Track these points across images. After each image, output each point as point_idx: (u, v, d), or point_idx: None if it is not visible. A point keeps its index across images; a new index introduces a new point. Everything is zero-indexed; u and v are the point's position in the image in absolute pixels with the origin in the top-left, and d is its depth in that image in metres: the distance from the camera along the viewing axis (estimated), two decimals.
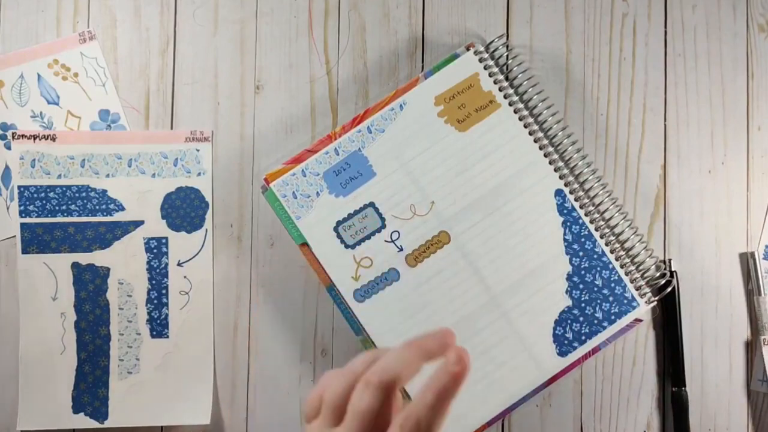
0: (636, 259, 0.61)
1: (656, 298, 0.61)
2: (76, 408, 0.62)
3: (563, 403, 0.63)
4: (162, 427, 0.63)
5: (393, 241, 0.60)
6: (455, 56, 0.61)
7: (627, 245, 0.60)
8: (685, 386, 0.62)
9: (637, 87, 0.64)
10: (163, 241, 0.63)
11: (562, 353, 0.60)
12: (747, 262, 0.64)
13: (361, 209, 0.60)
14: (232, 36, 0.64)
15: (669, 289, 0.61)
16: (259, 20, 0.64)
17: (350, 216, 0.60)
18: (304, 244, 0.60)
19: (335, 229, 0.60)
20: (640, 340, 0.63)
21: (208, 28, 0.64)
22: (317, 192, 0.60)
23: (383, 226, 0.60)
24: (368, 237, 0.60)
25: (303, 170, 0.60)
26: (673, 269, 0.63)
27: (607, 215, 0.61)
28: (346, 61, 0.64)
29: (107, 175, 0.63)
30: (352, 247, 0.60)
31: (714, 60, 0.65)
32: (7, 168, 0.63)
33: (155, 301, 0.63)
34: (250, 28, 0.64)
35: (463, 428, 0.59)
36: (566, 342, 0.60)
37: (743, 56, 0.65)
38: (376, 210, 0.60)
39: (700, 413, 0.63)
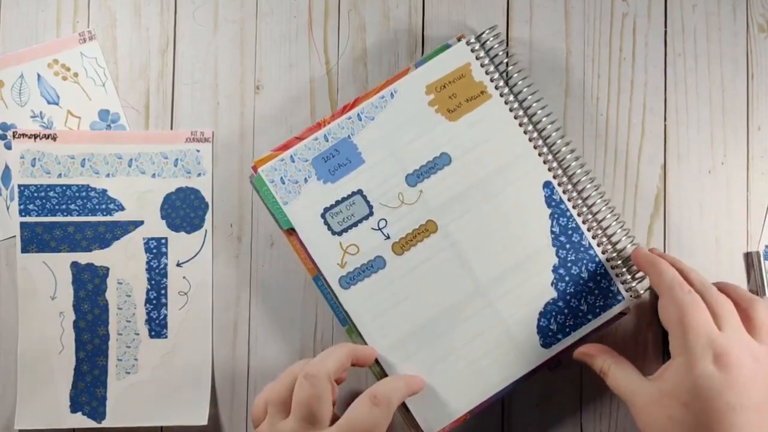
0: (622, 253, 0.60)
1: (642, 291, 0.61)
2: (74, 407, 0.62)
3: (563, 403, 0.63)
4: (162, 427, 0.63)
5: (380, 229, 0.60)
6: (447, 46, 0.61)
7: (614, 239, 0.60)
8: None
9: (636, 87, 0.64)
10: (163, 241, 0.63)
11: (545, 344, 0.60)
12: (750, 262, 0.64)
13: (349, 196, 0.60)
14: (232, 36, 0.64)
15: None
16: (259, 20, 0.64)
17: (338, 203, 0.60)
18: (291, 231, 0.60)
19: (322, 215, 0.60)
20: (640, 340, 0.63)
21: (208, 28, 0.64)
22: (305, 178, 0.60)
23: (371, 214, 0.60)
24: (355, 224, 0.60)
25: (291, 156, 0.60)
26: None
27: (594, 209, 0.60)
28: (346, 61, 0.64)
29: (107, 175, 0.63)
30: (339, 234, 0.60)
31: (714, 60, 0.65)
32: (7, 168, 0.63)
33: (154, 302, 0.63)
34: (250, 29, 0.64)
35: (447, 416, 0.59)
36: (550, 333, 0.60)
37: (743, 56, 0.65)
38: (364, 197, 0.60)
39: None
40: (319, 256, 0.60)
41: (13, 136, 0.63)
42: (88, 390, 0.62)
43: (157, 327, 0.63)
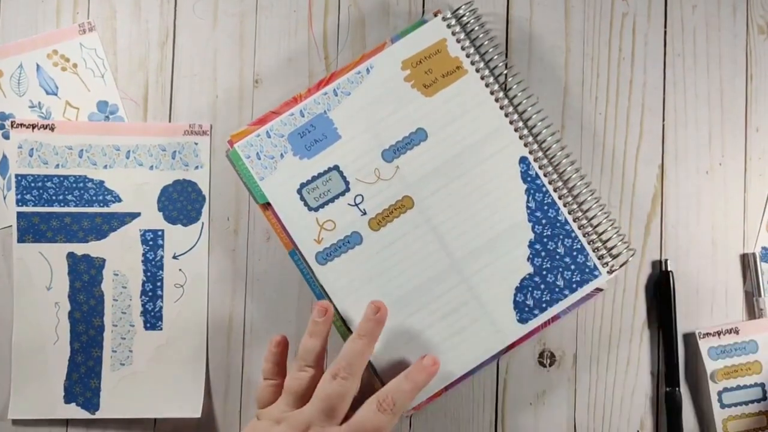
0: (598, 228, 0.60)
1: (618, 267, 0.61)
2: (68, 398, 0.62)
3: (557, 402, 0.63)
4: (155, 419, 0.63)
5: (356, 205, 0.60)
6: (423, 21, 0.61)
7: (589, 214, 0.60)
8: (678, 386, 0.62)
9: (635, 87, 0.64)
10: (159, 233, 0.63)
11: (522, 320, 0.60)
12: (746, 263, 0.64)
13: (326, 172, 0.60)
14: (232, 30, 0.64)
15: (630, 257, 0.61)
16: (258, 14, 0.64)
17: (314, 178, 0.60)
18: (267, 206, 0.60)
19: (299, 191, 0.60)
20: (635, 340, 0.63)
21: (207, 21, 0.64)
22: (281, 153, 0.60)
23: (347, 190, 0.60)
24: (332, 200, 0.60)
25: (267, 131, 0.60)
26: (669, 269, 0.63)
27: (570, 184, 0.61)
28: (346, 56, 0.64)
29: (105, 166, 0.63)
30: (316, 209, 0.60)
31: (713, 61, 0.65)
32: (4, 157, 0.63)
33: (150, 294, 0.63)
34: (249, 22, 0.64)
35: (424, 392, 0.59)
36: (527, 309, 0.60)
37: (742, 57, 0.65)
38: (341, 173, 0.60)
39: (693, 414, 0.63)
40: (296, 232, 0.60)
41: (12, 126, 0.63)
42: (83, 381, 0.62)
43: (153, 319, 0.63)
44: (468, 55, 0.61)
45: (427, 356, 0.57)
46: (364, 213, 0.60)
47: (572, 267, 0.60)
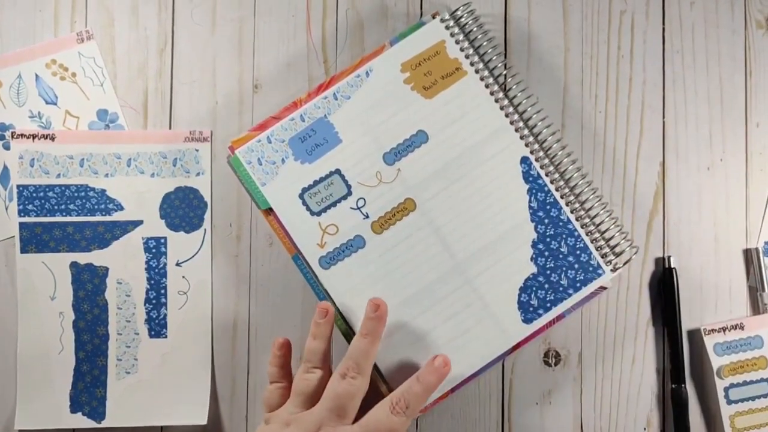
0: (600, 227, 0.60)
1: (622, 265, 0.60)
2: (74, 408, 0.62)
3: (563, 401, 0.63)
4: (162, 427, 0.63)
5: (359, 208, 0.60)
6: (421, 24, 0.61)
7: (591, 213, 0.60)
8: (684, 383, 0.62)
9: (635, 84, 0.64)
10: (162, 241, 0.63)
11: (526, 320, 0.60)
12: (750, 258, 0.64)
13: (327, 176, 0.60)
14: (231, 35, 0.64)
15: (633, 254, 0.61)
16: (257, 19, 0.64)
17: (316, 183, 0.60)
18: (270, 211, 0.60)
19: (301, 195, 0.60)
20: (640, 338, 0.63)
21: (206, 27, 0.64)
22: (282, 158, 0.60)
23: (349, 193, 0.60)
24: (334, 204, 0.60)
25: (268, 137, 0.60)
26: (672, 266, 0.63)
27: (571, 183, 0.60)
28: (345, 59, 0.64)
29: (106, 175, 0.63)
30: (318, 214, 0.60)
31: (712, 57, 0.65)
32: (5, 168, 0.63)
33: (153, 301, 0.63)
34: (248, 28, 0.64)
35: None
36: (531, 309, 0.60)
37: (741, 53, 0.65)
38: (342, 177, 0.60)
39: (699, 410, 0.63)
40: (299, 237, 0.60)
41: (12, 137, 0.63)
42: (88, 390, 0.62)
43: (157, 327, 0.63)
44: (467, 57, 0.61)
45: (438, 357, 0.57)
46: (367, 216, 0.60)
47: (576, 266, 0.60)
